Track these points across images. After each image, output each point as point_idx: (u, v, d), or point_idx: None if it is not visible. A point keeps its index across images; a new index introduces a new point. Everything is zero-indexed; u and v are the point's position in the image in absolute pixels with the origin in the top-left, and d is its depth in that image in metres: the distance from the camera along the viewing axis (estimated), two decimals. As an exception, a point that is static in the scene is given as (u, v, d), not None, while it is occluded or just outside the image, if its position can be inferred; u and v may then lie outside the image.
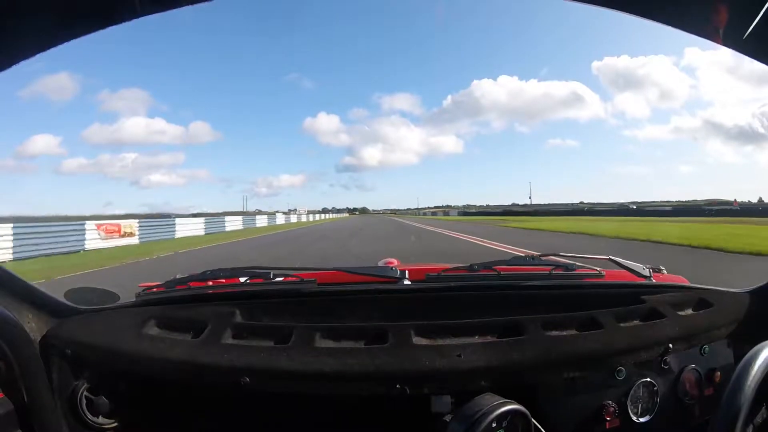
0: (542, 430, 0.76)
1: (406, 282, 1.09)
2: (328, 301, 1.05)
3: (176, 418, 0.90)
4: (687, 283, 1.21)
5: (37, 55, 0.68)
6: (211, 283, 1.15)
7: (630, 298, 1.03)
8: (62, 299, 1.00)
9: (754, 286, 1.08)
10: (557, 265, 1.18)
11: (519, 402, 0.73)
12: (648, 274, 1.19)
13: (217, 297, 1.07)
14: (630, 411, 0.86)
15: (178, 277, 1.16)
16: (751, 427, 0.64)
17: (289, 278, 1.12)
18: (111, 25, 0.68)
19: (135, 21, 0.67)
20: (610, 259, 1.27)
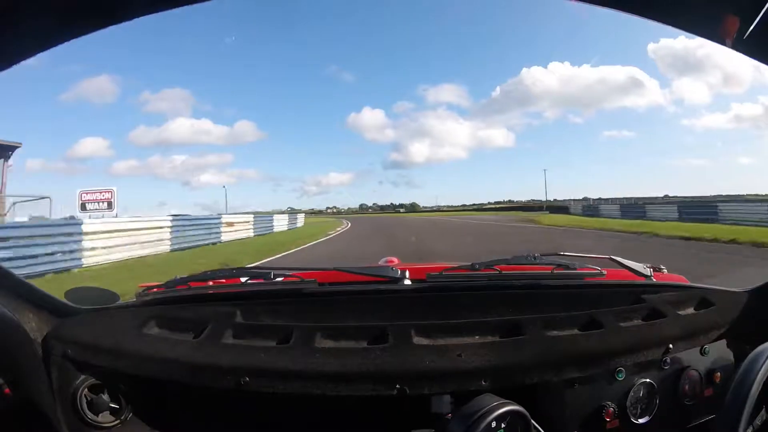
0: (541, 430, 0.76)
1: (407, 282, 1.09)
2: (329, 301, 1.05)
3: (176, 417, 0.90)
4: (687, 283, 1.21)
5: (47, 55, 0.68)
6: (211, 283, 1.15)
7: (631, 297, 1.03)
8: (62, 299, 1.00)
9: (755, 286, 1.07)
10: (558, 264, 1.18)
11: (519, 402, 0.73)
12: (648, 274, 1.19)
13: (217, 297, 1.07)
14: (629, 412, 0.86)
15: (178, 277, 1.16)
16: (750, 428, 0.64)
17: (290, 278, 1.12)
18: (112, 24, 0.68)
19: (168, 20, 0.67)
20: (611, 258, 1.27)
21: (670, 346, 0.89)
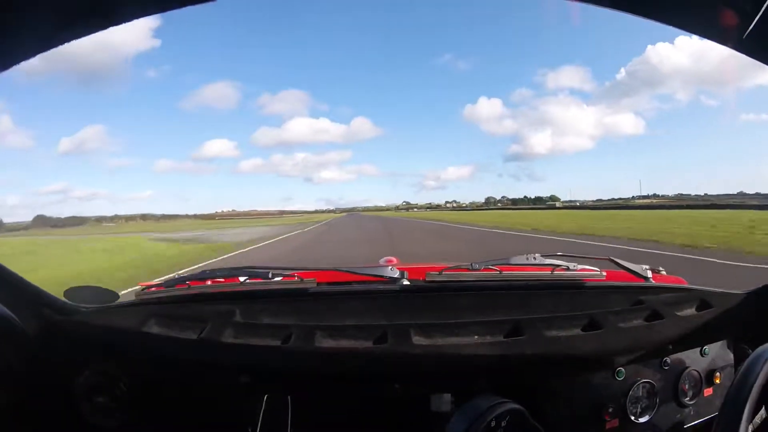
0: (541, 429, 0.76)
1: (406, 282, 1.09)
2: (328, 300, 1.05)
3: (176, 417, 0.90)
4: (686, 284, 1.21)
5: (47, 56, 0.68)
6: (210, 282, 1.15)
7: (630, 298, 1.03)
8: (62, 298, 1.00)
9: (755, 288, 1.07)
10: (558, 265, 1.17)
11: (518, 401, 0.73)
12: (648, 275, 1.19)
13: (216, 296, 1.07)
14: (629, 411, 0.86)
15: (177, 276, 1.16)
16: (750, 427, 0.64)
17: (288, 278, 1.12)
18: (112, 25, 0.68)
19: (278, 21, 0.66)
20: (610, 259, 1.26)
21: (670, 347, 0.89)
